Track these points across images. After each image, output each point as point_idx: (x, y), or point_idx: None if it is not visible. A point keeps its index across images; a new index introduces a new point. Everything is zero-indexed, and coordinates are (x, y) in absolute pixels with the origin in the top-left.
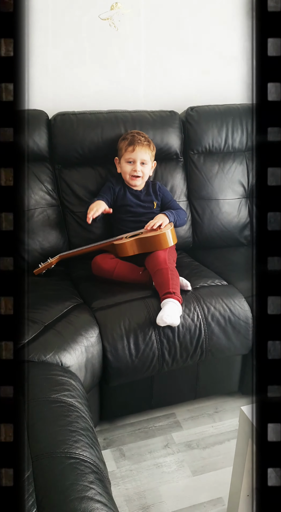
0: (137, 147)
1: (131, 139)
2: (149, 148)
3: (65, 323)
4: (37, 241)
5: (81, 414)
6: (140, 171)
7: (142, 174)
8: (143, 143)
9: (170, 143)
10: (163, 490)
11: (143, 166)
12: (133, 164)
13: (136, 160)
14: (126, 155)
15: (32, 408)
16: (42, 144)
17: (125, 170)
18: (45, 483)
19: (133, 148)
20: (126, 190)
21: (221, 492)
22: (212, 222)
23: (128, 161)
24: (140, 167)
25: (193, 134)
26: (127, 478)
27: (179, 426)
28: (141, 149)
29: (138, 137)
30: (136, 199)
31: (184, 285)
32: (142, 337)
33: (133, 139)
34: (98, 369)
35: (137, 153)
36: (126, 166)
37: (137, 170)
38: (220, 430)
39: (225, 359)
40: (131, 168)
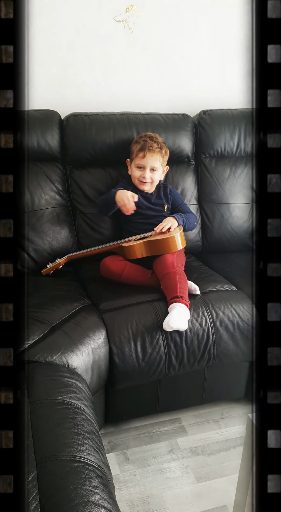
0: (148, 154)
1: (142, 145)
2: (160, 154)
3: (72, 324)
4: (46, 241)
5: (87, 417)
6: (149, 178)
7: (150, 180)
8: (155, 150)
9: (182, 146)
10: (167, 496)
11: (153, 172)
12: (142, 170)
13: (146, 167)
14: (136, 160)
15: (37, 409)
16: (53, 144)
17: (134, 174)
18: (49, 487)
19: (144, 155)
20: (137, 192)
21: (225, 500)
22: (222, 226)
23: (138, 166)
24: (149, 174)
25: (205, 138)
26: (130, 483)
27: (184, 432)
28: (152, 156)
29: (150, 143)
30: (146, 201)
31: (192, 289)
32: (150, 341)
33: (144, 144)
34: (104, 372)
35: (147, 160)
36: (135, 171)
37: (146, 177)
38: (226, 437)
39: (233, 365)
40: (140, 174)
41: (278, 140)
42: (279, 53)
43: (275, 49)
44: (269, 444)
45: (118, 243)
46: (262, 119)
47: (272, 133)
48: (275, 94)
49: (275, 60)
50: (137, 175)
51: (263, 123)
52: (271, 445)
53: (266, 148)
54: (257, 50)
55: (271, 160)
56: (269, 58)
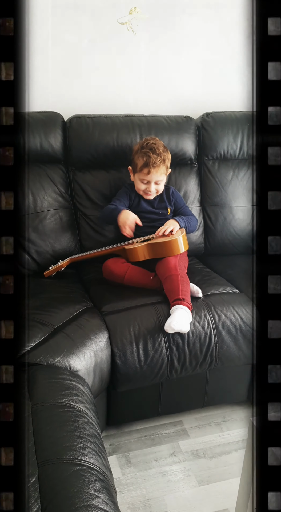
0: (153, 170)
1: (146, 161)
2: (164, 166)
3: (74, 327)
4: (49, 243)
5: (89, 420)
6: (154, 190)
7: (156, 191)
8: (159, 165)
9: (185, 149)
10: (168, 499)
11: (158, 184)
12: (147, 184)
13: (150, 182)
14: (140, 175)
15: (39, 412)
16: (56, 146)
17: (139, 187)
18: (51, 490)
19: (148, 171)
20: (140, 198)
21: (226, 503)
22: (224, 229)
23: (142, 181)
24: (154, 187)
25: (208, 140)
26: (132, 486)
27: (186, 434)
28: (157, 171)
29: (154, 158)
30: (150, 206)
31: (195, 292)
32: (152, 343)
33: (148, 161)
34: (106, 374)
35: (152, 176)
36: (140, 184)
37: (151, 191)
38: (228, 440)
39: (235, 368)
40: (145, 188)
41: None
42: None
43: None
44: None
45: (121, 245)
46: (263, 120)
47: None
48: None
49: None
50: (142, 188)
51: (263, 124)
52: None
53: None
54: (257, 49)
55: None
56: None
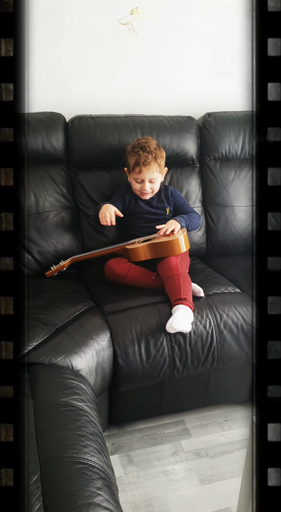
0: (144, 168)
1: (137, 159)
2: (156, 164)
3: (76, 326)
4: (51, 243)
5: (90, 419)
6: (149, 189)
7: (151, 190)
8: (150, 163)
9: (186, 149)
10: (170, 498)
11: (152, 183)
12: (142, 183)
13: (144, 180)
14: (133, 175)
15: (41, 411)
16: (58, 147)
17: (134, 187)
18: (52, 488)
19: (140, 170)
20: (137, 199)
21: (228, 503)
22: (226, 229)
23: (136, 180)
24: (148, 185)
25: (210, 140)
26: (134, 485)
27: (188, 434)
28: (148, 169)
29: (144, 156)
30: (148, 206)
31: (196, 292)
32: (153, 343)
33: (138, 159)
34: (108, 374)
35: (144, 174)
36: (135, 184)
37: (146, 189)
38: (230, 439)
39: (236, 367)
40: (140, 187)
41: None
42: (279, 49)
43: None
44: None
45: (122, 245)
46: (263, 120)
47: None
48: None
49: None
50: (138, 188)
51: (264, 124)
52: (271, 439)
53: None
54: (257, 48)
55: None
56: (269, 52)
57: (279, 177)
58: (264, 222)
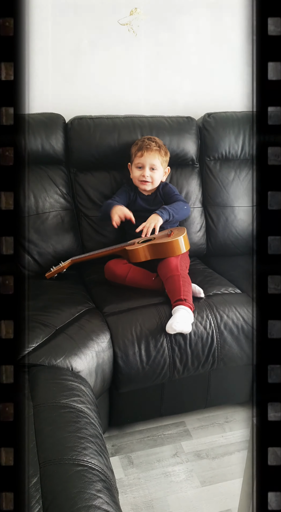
0: (146, 152)
1: (140, 145)
2: (159, 153)
3: (76, 328)
4: (51, 244)
5: (90, 421)
6: (149, 176)
7: (151, 179)
8: (153, 148)
9: (186, 149)
10: (171, 500)
11: (153, 171)
12: (142, 169)
13: (145, 165)
14: (135, 160)
15: (41, 412)
16: (58, 148)
17: (135, 175)
18: (52, 490)
19: (142, 154)
20: (136, 196)
21: (229, 504)
22: (226, 230)
23: (137, 166)
24: (149, 172)
25: (209, 141)
26: (134, 486)
27: (188, 435)
28: (150, 154)
29: (148, 142)
30: (146, 204)
31: (196, 292)
32: (154, 344)
33: (142, 144)
34: (108, 375)
35: (146, 158)
36: (135, 171)
37: (145, 176)
38: (230, 441)
39: (237, 368)
40: (140, 173)
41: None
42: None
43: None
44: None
45: (122, 246)
46: (263, 120)
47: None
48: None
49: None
50: (137, 175)
51: (263, 124)
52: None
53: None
54: (257, 47)
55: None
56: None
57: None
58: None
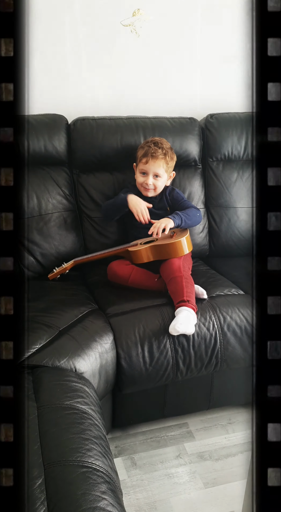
0: (151, 160)
1: (146, 150)
2: (164, 161)
3: (79, 329)
4: (53, 245)
5: (94, 422)
6: (152, 184)
7: (153, 187)
8: (158, 156)
9: (189, 150)
10: (174, 501)
11: (156, 179)
12: (145, 176)
13: (148, 173)
14: (140, 165)
15: (45, 414)
16: (61, 149)
17: (138, 180)
18: (57, 492)
19: (147, 161)
20: (140, 197)
21: (233, 506)
22: (229, 230)
23: (141, 171)
24: (152, 180)
25: (212, 142)
26: (138, 488)
27: (191, 436)
28: (155, 162)
29: (154, 149)
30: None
31: (199, 293)
32: (157, 345)
33: (148, 150)
34: (111, 376)
35: (150, 166)
36: (139, 177)
37: (148, 184)
38: (233, 442)
39: (240, 370)
40: (143, 180)
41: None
42: (279, 49)
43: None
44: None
45: (124, 247)
46: (262, 120)
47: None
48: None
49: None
50: (140, 181)
51: (263, 124)
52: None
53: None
54: (257, 47)
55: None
56: (269, 52)
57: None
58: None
